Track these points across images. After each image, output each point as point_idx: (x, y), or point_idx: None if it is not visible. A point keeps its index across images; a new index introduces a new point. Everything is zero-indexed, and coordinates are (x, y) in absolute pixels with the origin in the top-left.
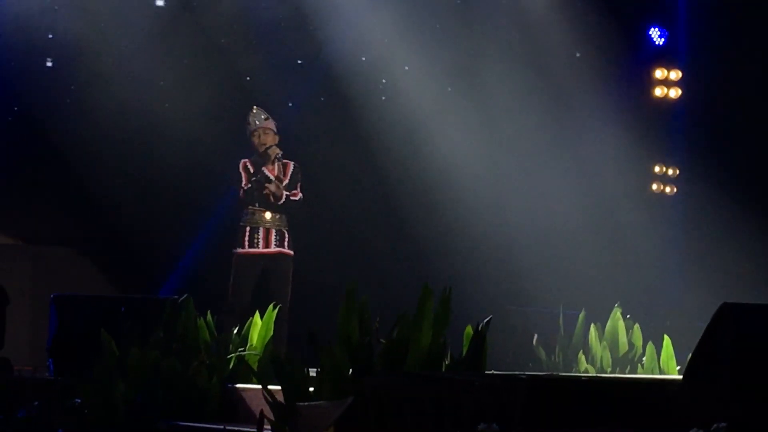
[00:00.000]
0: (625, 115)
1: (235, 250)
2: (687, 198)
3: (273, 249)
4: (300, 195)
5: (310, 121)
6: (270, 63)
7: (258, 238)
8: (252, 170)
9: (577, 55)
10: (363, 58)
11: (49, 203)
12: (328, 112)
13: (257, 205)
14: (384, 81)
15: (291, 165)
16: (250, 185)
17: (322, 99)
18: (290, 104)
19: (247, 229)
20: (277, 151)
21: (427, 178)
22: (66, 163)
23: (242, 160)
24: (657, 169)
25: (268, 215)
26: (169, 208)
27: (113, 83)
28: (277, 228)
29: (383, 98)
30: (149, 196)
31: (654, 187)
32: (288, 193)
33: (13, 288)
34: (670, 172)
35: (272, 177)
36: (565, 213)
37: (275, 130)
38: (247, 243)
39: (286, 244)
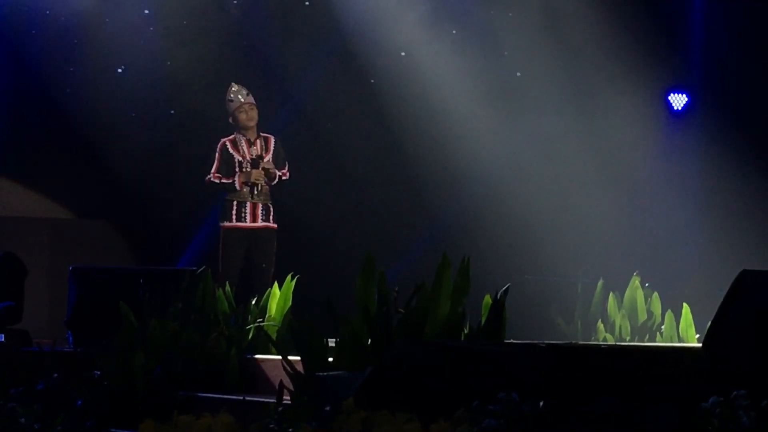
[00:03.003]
0: (646, 84)
1: (222, 224)
2: (706, 165)
3: (260, 224)
4: (288, 174)
5: (329, 92)
6: (287, 32)
7: (245, 213)
8: (242, 145)
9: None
10: (382, 30)
11: (67, 176)
12: (346, 83)
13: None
14: (403, 54)
15: (272, 139)
16: (215, 182)
17: (342, 71)
18: (306, 77)
19: (234, 203)
20: (261, 180)
21: (445, 148)
22: (84, 136)
23: (222, 140)
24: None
25: (253, 190)
26: (187, 180)
27: (125, 54)
28: (263, 202)
29: (401, 66)
30: (167, 168)
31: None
32: (279, 173)
33: (31, 260)
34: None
35: (238, 188)
36: (583, 182)
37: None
38: (234, 217)
39: (271, 218)
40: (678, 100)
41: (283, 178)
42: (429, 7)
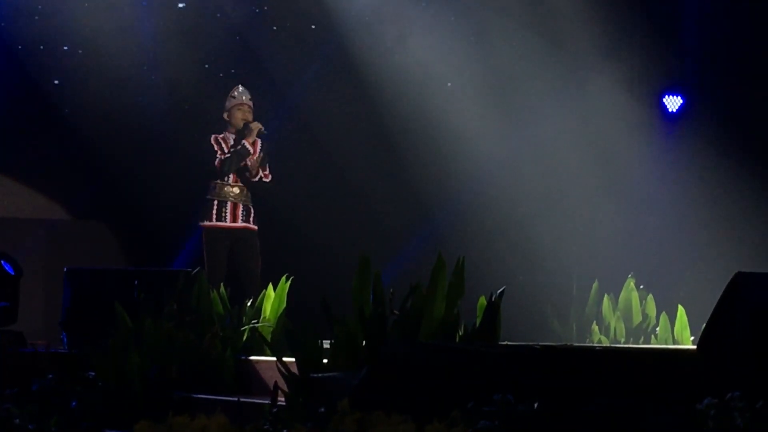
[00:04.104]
0: (641, 86)
1: (201, 223)
2: (701, 167)
3: (239, 224)
4: (270, 177)
5: (324, 95)
6: (282, 34)
7: (225, 213)
8: (230, 143)
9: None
10: (375, 29)
11: (62, 177)
12: (341, 85)
13: (225, 179)
14: (397, 55)
15: (258, 141)
16: (228, 155)
17: (336, 71)
18: (301, 79)
19: (215, 202)
20: (260, 126)
21: (440, 149)
22: (79, 137)
23: (212, 135)
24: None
25: (235, 189)
26: (182, 181)
27: (121, 56)
28: (244, 203)
29: (396, 69)
30: (163, 169)
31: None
32: (262, 173)
33: (26, 261)
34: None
35: (251, 149)
36: (578, 183)
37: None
38: (214, 216)
39: (251, 219)
40: (673, 102)
41: (265, 180)
42: (425, 9)
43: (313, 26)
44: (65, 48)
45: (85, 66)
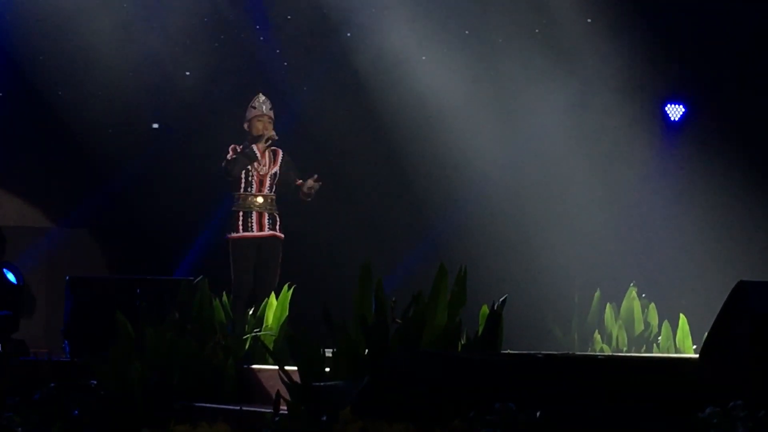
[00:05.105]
0: (643, 95)
1: (228, 235)
2: (703, 176)
3: (266, 232)
4: (320, 182)
5: (327, 103)
6: (286, 43)
7: (252, 222)
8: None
9: (588, 21)
10: (381, 39)
11: (64, 186)
12: (345, 94)
13: (248, 189)
14: (400, 62)
15: (280, 152)
16: (234, 156)
17: (341, 82)
18: (305, 88)
19: (240, 213)
20: (274, 133)
21: (442, 158)
22: (82, 146)
23: (232, 145)
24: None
25: (259, 199)
26: (184, 190)
27: (123, 64)
28: (269, 212)
29: (398, 78)
30: (165, 178)
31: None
32: (313, 183)
33: (28, 270)
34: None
35: (259, 154)
36: (580, 192)
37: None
38: (241, 227)
39: (277, 227)
40: (675, 111)
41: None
42: (428, 17)
43: (318, 37)
44: (67, 64)
45: (89, 77)
